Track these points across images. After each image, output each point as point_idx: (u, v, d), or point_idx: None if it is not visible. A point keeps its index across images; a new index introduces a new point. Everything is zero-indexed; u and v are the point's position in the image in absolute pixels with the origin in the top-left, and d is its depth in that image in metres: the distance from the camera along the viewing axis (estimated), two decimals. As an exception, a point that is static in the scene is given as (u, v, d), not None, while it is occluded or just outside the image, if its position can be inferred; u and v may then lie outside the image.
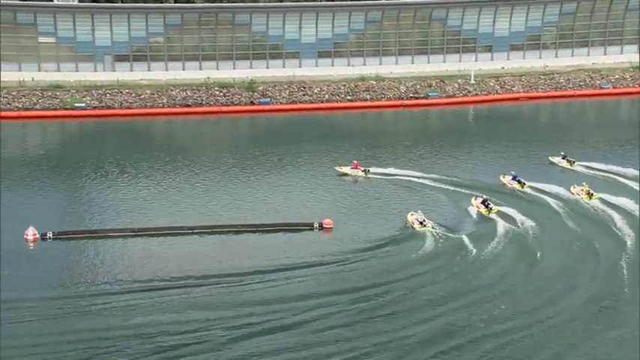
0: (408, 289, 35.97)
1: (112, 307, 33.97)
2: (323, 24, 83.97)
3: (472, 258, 39.74)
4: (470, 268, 38.49)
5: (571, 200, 48.02)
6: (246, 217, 44.94)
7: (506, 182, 51.64)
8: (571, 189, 49.42)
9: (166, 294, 35.18)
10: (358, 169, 53.51)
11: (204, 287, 35.81)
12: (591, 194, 48.43)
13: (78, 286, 36.04)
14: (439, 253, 40.40)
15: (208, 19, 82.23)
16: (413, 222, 43.67)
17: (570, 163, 55.79)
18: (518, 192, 50.04)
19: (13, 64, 77.76)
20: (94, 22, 79.41)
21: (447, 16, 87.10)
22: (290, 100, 78.47)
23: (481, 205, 46.27)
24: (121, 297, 34.81)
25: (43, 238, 41.45)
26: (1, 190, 49.62)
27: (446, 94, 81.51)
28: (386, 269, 38.20)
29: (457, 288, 36.15)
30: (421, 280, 37.12)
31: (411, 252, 40.39)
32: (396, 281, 36.76)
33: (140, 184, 51.59)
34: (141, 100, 75.90)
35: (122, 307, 33.88)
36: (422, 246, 41.11)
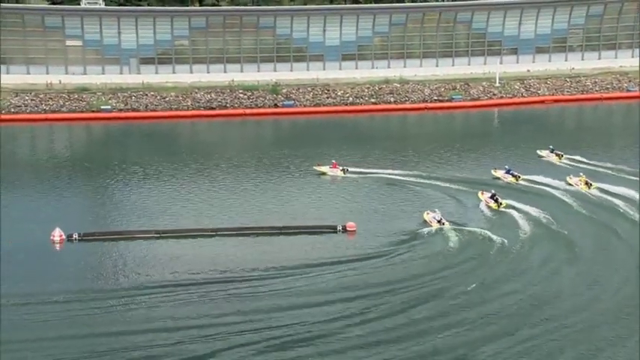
0: (453, 285, 36.08)
1: (135, 306, 34.27)
2: (347, 27, 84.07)
3: (506, 251, 40.14)
4: (508, 262, 38.85)
5: (572, 190, 49.09)
6: (269, 219, 45.07)
7: (499, 176, 52.39)
8: (567, 179, 50.80)
9: (189, 294, 35.36)
10: (337, 168, 53.83)
11: (228, 288, 35.99)
12: (590, 184, 49.54)
13: (102, 285, 36.39)
14: (469, 248, 40.62)
15: (233, 22, 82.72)
16: (430, 221, 43.81)
17: (559, 157, 56.75)
18: (516, 185, 50.53)
19: (41, 67, 78.93)
20: (120, 26, 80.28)
21: (471, 19, 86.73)
22: (314, 102, 78.64)
23: (490, 199, 46.67)
24: (144, 296, 35.07)
25: (69, 239, 41.91)
26: (28, 192, 50.37)
27: (470, 97, 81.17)
28: (421, 267, 38.30)
29: (506, 280, 36.54)
30: (465, 275, 37.31)
31: (441, 249, 40.57)
32: (438, 277, 36.98)
33: (164, 185, 52.00)
34: (166, 103, 76.55)
35: (145, 307, 34.17)
36: (449, 243, 41.28)
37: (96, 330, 32.26)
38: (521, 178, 51.64)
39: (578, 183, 50.01)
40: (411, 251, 40.28)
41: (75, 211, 47.09)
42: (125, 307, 34.21)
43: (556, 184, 50.15)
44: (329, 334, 31.71)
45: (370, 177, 53.14)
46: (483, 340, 30.81)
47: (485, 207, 46.31)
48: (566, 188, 49.44)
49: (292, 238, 42.60)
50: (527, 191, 49.44)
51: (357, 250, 40.58)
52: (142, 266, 38.60)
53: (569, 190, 49.06)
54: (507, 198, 47.26)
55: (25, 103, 74.22)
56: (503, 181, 51.80)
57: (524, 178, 51.66)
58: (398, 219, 44.94)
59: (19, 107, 73.70)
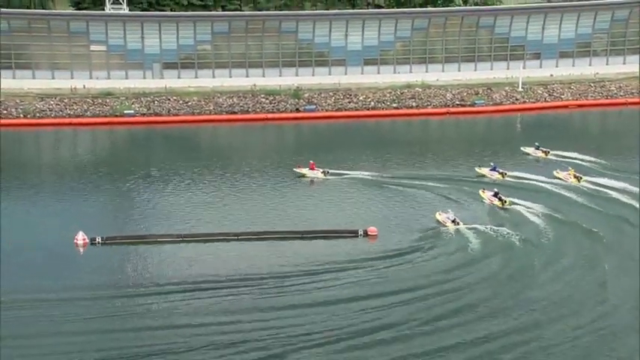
0: (487, 284, 36.78)
1: (157, 306, 34.70)
2: (369, 31, 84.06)
3: (530, 247, 41.00)
4: (537, 257, 39.80)
5: (564, 185, 50.80)
6: (290, 223, 45.18)
7: (485, 173, 53.60)
8: (554, 173, 52.66)
9: (211, 296, 35.71)
10: (315, 169, 54.17)
11: (250, 289, 36.23)
12: (579, 177, 51.52)
13: (124, 286, 36.78)
14: (492, 247, 41.43)
15: (255, 27, 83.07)
16: (444, 221, 44.34)
17: (545, 154, 58.32)
18: (507, 182, 51.75)
19: (66, 71, 79.79)
20: (143, 31, 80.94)
21: (494, 23, 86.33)
22: (335, 107, 78.71)
23: (494, 197, 47.56)
24: (166, 297, 35.55)
25: (92, 242, 42.32)
26: (52, 195, 50.96)
27: (493, 102, 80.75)
28: (454, 267, 38.89)
29: (541, 273, 37.69)
30: (498, 273, 38.11)
31: (464, 249, 41.12)
32: (472, 277, 37.65)
33: (187, 189, 52.31)
34: (188, 107, 77.00)
35: (167, 307, 34.60)
36: (471, 243, 41.83)
37: (118, 328, 32.81)
38: (507, 175, 52.85)
39: (568, 177, 51.67)
40: (436, 253, 40.70)
41: (98, 215, 47.56)
42: (147, 308, 34.64)
43: (547, 180, 51.71)
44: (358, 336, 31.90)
45: (379, 180, 53.36)
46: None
47: (489, 205, 47.19)
48: (558, 183, 50.99)
49: (313, 242, 42.68)
50: (521, 188, 50.38)
51: (381, 254, 40.65)
52: (165, 269, 38.91)
53: (561, 185, 50.60)
54: (505, 195, 48.17)
55: (50, 108, 75.09)
56: (489, 178, 53.13)
57: (511, 174, 52.94)
58: (413, 222, 45.20)
59: (44, 112, 74.55)
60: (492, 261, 39.75)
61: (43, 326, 32.93)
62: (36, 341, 31.68)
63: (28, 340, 31.79)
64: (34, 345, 31.42)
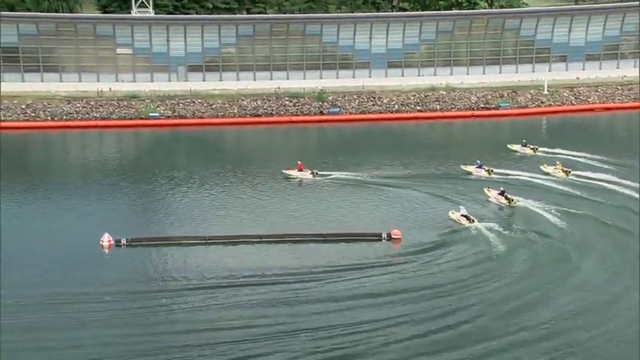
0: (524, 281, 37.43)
1: (181, 306, 35.22)
2: (393, 34, 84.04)
3: (556, 243, 42.13)
4: (566, 251, 40.98)
5: (555, 179, 52.85)
6: (313, 226, 45.34)
7: (471, 171, 54.83)
8: (542, 168, 54.78)
9: (235, 297, 36.07)
10: (304, 170, 54.60)
11: (272, 292, 36.45)
12: (567, 171, 53.53)
13: (149, 287, 37.24)
14: (516, 244, 42.17)
15: (280, 30, 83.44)
16: (459, 219, 44.91)
17: (534, 150, 60.24)
18: (503, 179, 52.79)
19: (92, 74, 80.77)
20: (169, 34, 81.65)
21: (520, 26, 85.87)
22: (359, 110, 78.75)
23: (500, 196, 48.42)
24: (189, 298, 35.96)
25: (117, 244, 42.81)
26: (78, 198, 51.65)
27: (518, 105, 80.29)
28: (482, 268, 39.36)
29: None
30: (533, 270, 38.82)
31: (490, 248, 41.67)
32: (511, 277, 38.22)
33: (211, 192, 52.69)
34: (212, 110, 77.51)
35: (191, 308, 35.07)
36: (494, 241, 42.49)
37: (142, 329, 33.23)
38: (493, 172, 54.32)
39: (557, 171, 53.65)
40: (463, 254, 41.05)
41: (123, 217, 48.07)
42: (171, 308, 35.15)
43: (536, 175, 53.56)
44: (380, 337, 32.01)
45: (395, 182, 53.89)
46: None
47: (496, 204, 48.29)
48: (548, 177, 52.98)
49: (337, 245, 42.78)
50: (512, 184, 51.35)
51: (405, 257, 40.80)
52: (189, 270, 39.28)
53: (552, 179, 52.71)
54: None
55: (77, 110, 75.99)
56: (475, 175, 54.49)
57: (497, 172, 54.54)
58: (429, 222, 45.56)
59: (71, 114, 75.46)
60: (522, 259, 40.25)
61: (68, 324, 33.43)
62: (61, 337, 32.42)
63: (54, 336, 32.50)
64: (60, 339, 32.22)
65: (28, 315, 34.23)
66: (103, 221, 45.89)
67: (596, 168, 55.41)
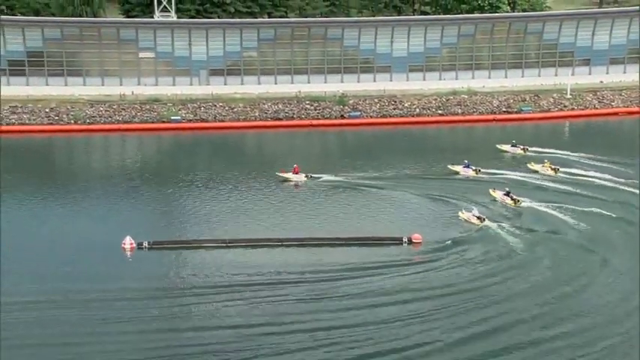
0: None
1: (202, 307, 35.58)
2: (415, 38, 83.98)
3: (574, 240, 43.19)
4: (586, 249, 41.92)
5: (546, 177, 54.38)
6: (334, 230, 45.46)
7: (458, 170, 55.84)
8: (529, 167, 56.31)
9: (255, 299, 36.40)
10: (299, 173, 54.99)
11: (294, 294, 36.66)
12: (556, 169, 54.94)
13: (170, 291, 37.56)
14: (535, 244, 42.96)
15: (301, 34, 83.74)
16: (470, 218, 45.81)
17: (524, 150, 61.37)
18: (499, 178, 53.99)
19: (115, 78, 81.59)
20: (190, 38, 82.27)
21: (542, 29, 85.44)
22: (380, 113, 78.77)
23: (506, 197, 49.29)
24: (211, 301, 36.32)
25: (139, 247, 43.21)
26: (101, 200, 52.24)
27: (540, 109, 79.85)
28: (507, 269, 39.81)
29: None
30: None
31: (511, 250, 42.24)
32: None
33: (232, 195, 53.00)
34: (234, 114, 77.94)
35: (211, 309, 35.44)
36: (513, 242, 43.09)
37: (164, 330, 33.64)
38: (480, 172, 55.36)
39: (545, 169, 55.15)
40: (485, 256, 41.43)
41: (145, 220, 48.52)
42: (192, 310, 35.59)
43: (525, 174, 54.97)
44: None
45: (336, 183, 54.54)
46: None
47: (502, 204, 49.03)
48: (537, 176, 54.61)
49: (357, 249, 42.87)
50: (505, 184, 51.95)
51: (428, 262, 40.85)
52: (210, 273, 39.62)
53: (543, 177, 54.30)
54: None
55: (100, 114, 76.78)
56: (462, 175, 55.54)
57: (485, 171, 55.65)
58: (447, 225, 45.99)
59: (94, 118, 76.27)
60: (547, 260, 40.86)
61: (89, 325, 33.85)
62: (82, 339, 32.88)
63: (74, 337, 32.98)
64: (80, 341, 32.70)
65: (49, 315, 34.72)
66: (125, 224, 46.36)
67: (590, 166, 56.71)
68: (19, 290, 37.12)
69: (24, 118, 75.43)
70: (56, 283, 37.92)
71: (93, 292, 36.99)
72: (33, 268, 39.67)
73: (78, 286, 37.62)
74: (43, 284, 37.86)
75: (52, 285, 37.76)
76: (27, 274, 39.01)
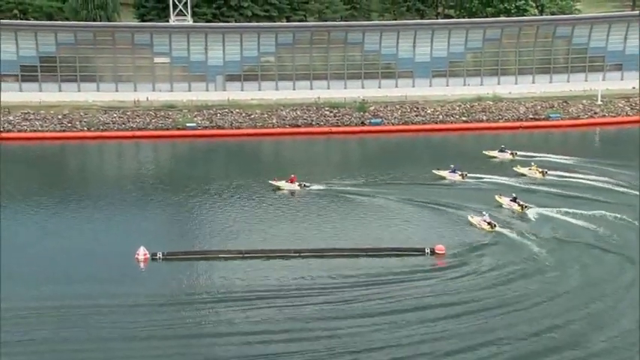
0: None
1: (215, 318, 35.66)
2: (438, 42, 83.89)
3: (592, 244, 44.03)
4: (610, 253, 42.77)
5: (536, 180, 56.32)
6: (353, 240, 45.46)
7: (444, 175, 57.23)
8: (515, 170, 58.19)
9: (270, 312, 36.51)
10: (295, 183, 55.58)
11: (311, 307, 36.69)
12: (544, 172, 56.99)
13: (184, 303, 37.77)
14: (557, 247, 43.86)
15: (320, 38, 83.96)
16: (479, 223, 46.56)
17: (513, 155, 62.71)
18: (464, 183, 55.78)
19: (129, 84, 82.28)
20: (207, 42, 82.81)
21: (572, 33, 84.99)
22: (402, 120, 78.72)
23: (512, 202, 50.11)
24: (225, 313, 36.50)
25: (153, 258, 43.45)
26: (114, 209, 52.67)
27: (569, 116, 79.39)
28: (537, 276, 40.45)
29: None
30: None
31: (536, 258, 42.57)
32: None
33: (248, 204, 53.19)
34: (251, 120, 78.29)
35: (226, 323, 35.51)
36: (535, 249, 43.73)
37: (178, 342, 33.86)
38: (467, 176, 56.76)
39: (532, 172, 57.20)
40: (509, 267, 41.61)
41: (159, 230, 48.83)
42: (208, 321, 35.74)
43: (514, 178, 56.81)
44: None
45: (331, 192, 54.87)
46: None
47: (510, 210, 49.96)
48: (526, 179, 56.49)
49: (378, 260, 42.83)
50: (497, 189, 53.69)
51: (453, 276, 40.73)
52: (226, 285, 39.81)
53: (533, 181, 56.13)
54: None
55: (114, 120, 77.46)
56: (449, 179, 56.90)
57: (471, 175, 57.13)
58: (460, 235, 46.28)
59: (108, 124, 76.95)
60: (575, 266, 41.52)
61: (102, 338, 34.08)
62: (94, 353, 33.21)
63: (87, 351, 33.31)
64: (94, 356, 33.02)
65: (60, 326, 35.04)
66: (138, 234, 46.67)
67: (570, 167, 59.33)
68: (30, 300, 37.48)
69: (36, 124, 76.31)
70: (68, 294, 38.23)
71: (105, 304, 37.25)
72: (44, 278, 40.06)
73: (90, 298, 37.89)
74: (55, 295, 38.20)
75: (63, 296, 38.09)
76: (37, 283, 39.40)
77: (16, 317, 35.51)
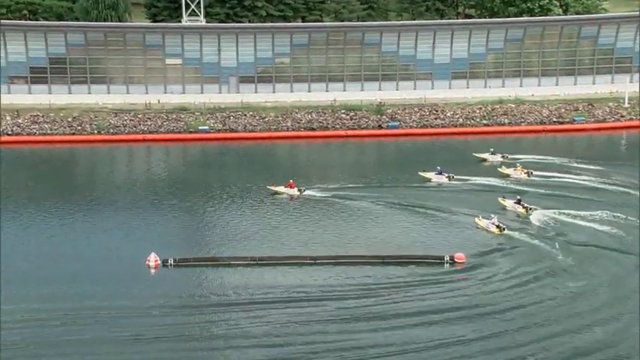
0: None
1: (229, 330, 35.61)
2: (458, 43, 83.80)
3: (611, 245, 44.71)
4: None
5: (521, 181, 58.00)
6: (371, 247, 45.41)
7: (430, 177, 58.61)
8: (500, 171, 60.06)
9: (285, 320, 36.51)
10: (294, 187, 56.07)
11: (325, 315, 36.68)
12: (529, 172, 58.95)
13: (195, 310, 37.86)
14: (573, 251, 44.32)
15: (337, 39, 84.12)
16: (488, 227, 47.39)
17: (504, 158, 64.06)
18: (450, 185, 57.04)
19: (141, 86, 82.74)
20: (220, 43, 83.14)
21: (598, 34, 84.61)
22: (420, 124, 78.64)
23: (517, 205, 50.99)
24: (238, 318, 36.61)
25: (164, 264, 43.59)
26: (124, 215, 52.94)
27: (594, 119, 78.98)
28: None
29: None
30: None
31: (554, 262, 42.86)
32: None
33: (262, 210, 53.27)
34: (265, 123, 78.45)
35: (238, 331, 35.51)
36: (553, 252, 44.08)
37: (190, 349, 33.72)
38: (454, 178, 58.24)
39: (516, 173, 59.12)
40: (529, 273, 41.57)
41: (171, 235, 48.97)
42: (220, 329, 35.79)
43: (500, 179, 58.39)
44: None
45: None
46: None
47: (514, 212, 50.77)
48: (511, 179, 58.21)
49: (394, 268, 42.75)
50: (481, 191, 55.76)
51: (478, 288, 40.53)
52: (239, 292, 39.82)
53: (519, 181, 57.85)
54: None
55: (124, 124, 77.89)
56: (435, 181, 58.20)
57: (458, 177, 58.55)
58: (470, 239, 46.58)
59: (118, 127, 77.40)
60: (597, 271, 41.77)
61: (113, 346, 34.24)
62: None
63: None
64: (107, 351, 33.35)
65: (69, 333, 35.30)
66: (149, 239, 46.86)
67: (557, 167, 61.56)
68: (39, 305, 37.74)
69: (45, 127, 76.90)
70: (77, 301, 38.44)
71: (115, 311, 37.41)
72: (53, 284, 40.30)
73: (100, 304, 38.07)
74: (64, 301, 38.42)
75: (73, 302, 38.30)
76: (47, 289, 39.65)
77: (22, 326, 35.81)
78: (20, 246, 46.13)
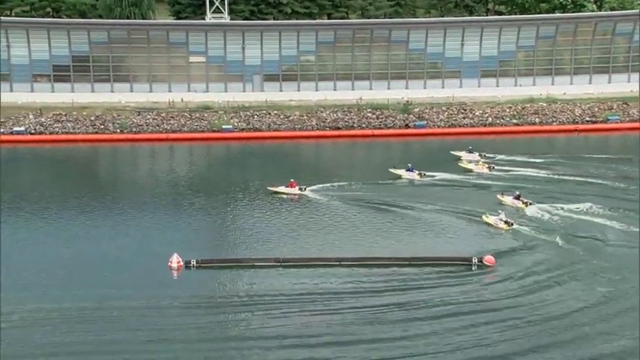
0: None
1: (255, 331, 35.73)
2: (488, 40, 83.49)
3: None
4: None
5: (486, 175, 59.74)
6: (397, 249, 45.39)
7: (401, 174, 59.79)
8: (463, 166, 61.82)
9: (311, 321, 36.49)
10: (295, 187, 56.40)
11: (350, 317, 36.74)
12: (491, 167, 61.16)
13: (219, 312, 38.04)
14: (588, 245, 44.74)
15: (363, 36, 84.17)
16: (497, 223, 47.74)
17: (482, 157, 64.86)
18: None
19: (164, 84, 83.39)
20: (244, 41, 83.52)
21: (633, 30, 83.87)
22: (448, 123, 78.43)
23: (516, 200, 51.73)
24: (264, 319, 36.69)
25: (187, 266, 43.81)
26: (147, 215, 53.39)
27: (630, 118, 78.23)
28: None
29: None
30: None
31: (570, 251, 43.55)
32: None
33: (286, 210, 53.42)
34: (289, 122, 78.69)
35: (264, 332, 35.59)
36: (570, 248, 44.36)
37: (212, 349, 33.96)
38: (425, 175, 59.25)
39: (479, 167, 61.11)
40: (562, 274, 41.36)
41: (194, 236, 49.24)
42: (246, 330, 35.87)
43: (465, 174, 59.97)
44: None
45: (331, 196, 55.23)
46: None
47: (514, 207, 51.14)
48: (475, 174, 60.05)
49: (420, 269, 42.69)
50: (450, 185, 56.65)
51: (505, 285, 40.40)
52: (263, 294, 39.86)
53: (485, 176, 59.29)
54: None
55: (147, 122, 78.54)
56: (405, 178, 59.22)
57: (428, 174, 59.49)
58: (483, 237, 46.86)
59: (141, 126, 78.07)
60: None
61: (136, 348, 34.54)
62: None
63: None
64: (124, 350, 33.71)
65: (89, 335, 35.59)
66: (171, 240, 47.11)
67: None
68: (60, 305, 38.15)
69: (68, 126, 77.79)
70: (99, 301, 38.78)
71: (137, 313, 37.69)
72: (74, 284, 40.68)
73: (123, 305, 38.39)
74: (86, 301, 38.78)
75: (95, 302, 38.66)
76: (68, 290, 40.05)
77: (41, 326, 36.28)
78: (42, 245, 46.65)
